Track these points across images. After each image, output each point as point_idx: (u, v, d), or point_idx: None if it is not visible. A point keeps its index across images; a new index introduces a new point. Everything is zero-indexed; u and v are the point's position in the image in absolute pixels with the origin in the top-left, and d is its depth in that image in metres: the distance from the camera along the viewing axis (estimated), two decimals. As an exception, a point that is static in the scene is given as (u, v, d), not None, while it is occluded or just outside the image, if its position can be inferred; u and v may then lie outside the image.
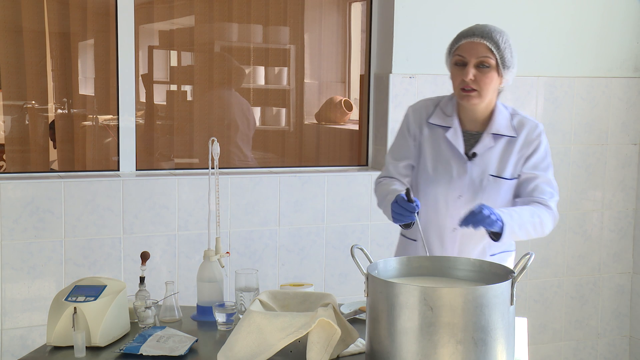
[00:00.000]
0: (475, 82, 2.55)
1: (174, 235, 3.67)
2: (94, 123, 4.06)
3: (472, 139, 2.66)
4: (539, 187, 2.63)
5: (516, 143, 2.64)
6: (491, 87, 2.57)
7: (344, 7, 4.51)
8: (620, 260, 4.59)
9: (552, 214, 2.63)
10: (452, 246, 2.67)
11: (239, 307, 2.54)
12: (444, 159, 2.65)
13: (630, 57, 4.45)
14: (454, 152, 2.64)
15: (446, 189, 2.64)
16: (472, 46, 2.55)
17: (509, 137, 2.64)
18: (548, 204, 2.62)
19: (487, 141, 2.63)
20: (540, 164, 2.65)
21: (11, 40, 3.87)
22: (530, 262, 2.00)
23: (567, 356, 4.53)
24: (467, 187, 2.62)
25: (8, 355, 3.45)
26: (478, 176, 2.62)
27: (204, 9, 4.23)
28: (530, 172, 2.64)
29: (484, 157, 2.63)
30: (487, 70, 2.55)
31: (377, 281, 2.00)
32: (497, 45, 2.54)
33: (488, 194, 2.61)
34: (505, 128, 2.64)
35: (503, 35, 2.57)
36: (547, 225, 2.61)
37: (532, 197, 2.63)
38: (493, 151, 2.63)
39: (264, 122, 4.51)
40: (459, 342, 1.91)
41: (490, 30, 2.57)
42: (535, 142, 2.65)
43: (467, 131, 2.67)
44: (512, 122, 2.65)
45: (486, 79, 2.55)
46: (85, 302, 2.29)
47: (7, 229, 3.43)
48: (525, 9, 4.20)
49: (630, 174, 4.54)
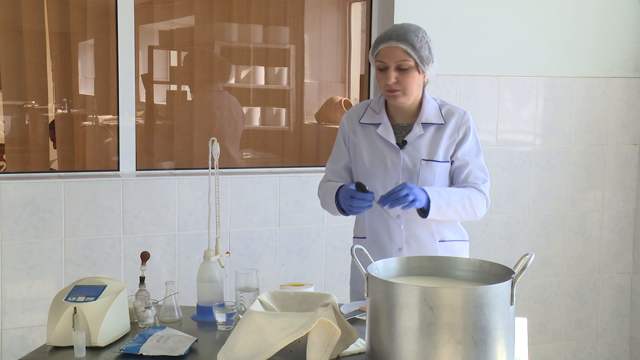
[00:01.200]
0: (397, 84, 2.69)
1: (174, 235, 3.67)
2: (94, 123, 4.06)
3: (403, 130, 2.80)
4: (472, 172, 2.77)
5: (445, 129, 2.76)
6: (414, 85, 2.70)
7: (344, 7, 4.51)
8: (620, 260, 4.59)
9: (484, 197, 2.77)
10: (399, 234, 2.78)
11: (239, 307, 2.54)
12: (378, 152, 2.79)
13: (630, 57, 4.45)
14: (387, 144, 2.78)
15: (383, 178, 2.77)
16: (389, 51, 2.67)
17: (438, 125, 2.77)
18: (480, 188, 2.76)
19: (417, 130, 2.76)
20: (471, 149, 2.78)
21: (11, 40, 3.87)
22: (530, 262, 2.00)
23: (567, 356, 4.53)
24: (402, 174, 2.76)
25: (8, 355, 3.45)
26: (411, 161, 2.75)
27: (204, 9, 4.23)
28: (462, 159, 2.77)
29: (414, 144, 2.76)
30: (407, 71, 2.68)
31: (377, 281, 2.00)
32: (413, 46, 2.66)
33: (423, 177, 2.74)
34: (434, 117, 2.77)
35: (418, 34, 2.69)
36: (479, 207, 2.74)
37: (467, 182, 2.77)
38: (423, 138, 2.77)
39: (264, 122, 4.51)
40: (459, 342, 1.91)
41: (405, 32, 2.68)
42: (464, 127, 2.77)
43: (398, 124, 2.81)
44: (441, 111, 2.79)
45: (407, 79, 2.68)
46: (85, 302, 2.29)
47: (7, 229, 3.43)
48: (525, 9, 4.20)
49: (630, 174, 4.54)
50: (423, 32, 2.71)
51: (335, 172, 2.90)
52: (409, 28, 2.70)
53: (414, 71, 2.68)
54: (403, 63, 2.66)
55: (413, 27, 2.70)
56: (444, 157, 2.77)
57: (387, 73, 2.68)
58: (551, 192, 4.37)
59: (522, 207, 4.31)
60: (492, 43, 4.15)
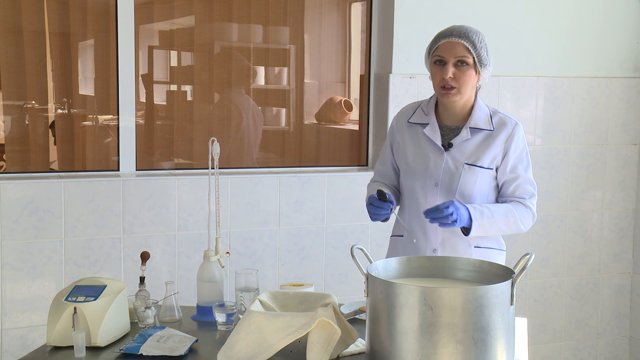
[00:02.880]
0: (454, 80, 2.67)
1: (174, 235, 3.67)
2: (94, 123, 4.06)
3: (450, 133, 2.78)
4: (520, 186, 2.75)
5: (494, 137, 2.74)
6: (469, 84, 2.69)
7: (344, 7, 4.51)
8: (620, 260, 4.59)
9: (530, 213, 2.77)
10: (435, 235, 2.76)
11: (239, 307, 2.54)
12: (422, 152, 2.78)
13: (630, 57, 4.45)
14: (432, 144, 2.77)
15: (423, 178, 2.76)
16: (450, 46, 2.68)
17: (487, 131, 2.74)
18: (527, 204, 2.75)
19: (465, 133, 2.74)
20: (520, 163, 2.76)
21: (11, 40, 3.87)
22: (530, 262, 2.00)
23: (567, 356, 4.53)
24: (444, 175, 2.74)
25: (8, 355, 3.45)
26: (454, 164, 2.73)
27: (204, 9, 4.23)
28: (512, 172, 2.75)
29: (460, 147, 2.74)
30: (465, 68, 2.67)
31: (377, 281, 2.00)
32: (474, 44, 2.67)
33: (464, 181, 2.71)
34: (484, 122, 2.75)
35: (479, 35, 2.71)
36: (524, 222, 2.75)
37: (516, 196, 2.75)
38: (470, 142, 2.75)
39: (264, 122, 4.51)
40: (459, 342, 1.91)
41: (467, 30, 2.70)
42: (514, 139, 2.75)
43: (446, 126, 2.79)
44: (492, 119, 2.76)
45: (465, 76, 2.67)
46: (85, 302, 2.29)
47: (7, 229, 3.43)
48: (525, 9, 4.20)
49: (630, 174, 4.54)
50: (483, 35, 2.73)
51: (382, 173, 2.94)
52: (471, 28, 2.71)
53: (471, 69, 2.67)
54: (462, 58, 2.66)
55: (474, 28, 2.72)
56: (489, 164, 2.73)
57: (446, 67, 2.66)
58: (551, 192, 4.37)
59: (522, 207, 4.31)
60: (492, 43, 4.10)
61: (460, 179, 2.71)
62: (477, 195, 2.72)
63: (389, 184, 2.92)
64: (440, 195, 2.72)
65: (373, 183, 2.95)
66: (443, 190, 2.72)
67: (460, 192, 2.71)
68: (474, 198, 2.71)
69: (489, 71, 2.74)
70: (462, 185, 2.71)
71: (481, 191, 2.73)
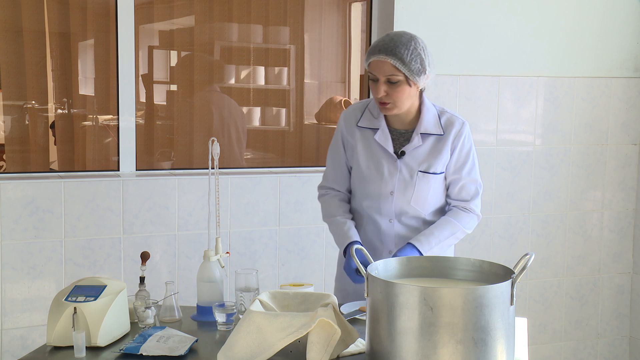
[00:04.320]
0: (388, 97, 2.66)
1: (174, 235, 3.67)
2: (94, 123, 4.06)
3: (401, 137, 2.78)
4: (465, 187, 2.80)
5: (444, 140, 2.76)
6: (404, 97, 2.67)
7: (344, 7, 4.51)
8: (620, 260, 4.59)
9: (474, 215, 2.82)
10: (390, 240, 2.81)
11: (239, 307, 2.54)
12: (375, 158, 2.78)
13: (630, 57, 4.45)
14: (384, 152, 2.77)
15: (379, 186, 2.77)
16: (379, 65, 2.63)
17: (437, 136, 2.76)
18: (469, 207, 2.80)
19: (416, 141, 2.75)
20: (466, 163, 2.79)
21: (11, 40, 3.87)
22: (530, 262, 2.00)
23: (567, 356, 4.53)
24: (398, 184, 2.76)
25: (8, 355, 3.45)
26: (408, 173, 2.76)
27: (204, 9, 4.23)
28: (456, 173, 2.79)
29: (412, 154, 2.76)
30: (396, 84, 2.64)
31: (377, 281, 2.00)
32: (402, 60, 2.61)
33: (418, 189, 2.76)
34: (433, 127, 2.76)
35: (410, 45, 2.62)
36: (469, 227, 2.81)
37: (460, 199, 2.81)
38: (422, 148, 2.76)
39: (264, 122, 4.51)
40: (459, 342, 1.91)
41: (396, 45, 2.62)
42: (461, 139, 2.77)
43: (396, 130, 2.79)
44: (441, 120, 2.77)
45: (397, 93, 2.65)
46: (85, 302, 2.29)
47: (7, 229, 3.43)
48: (525, 9, 4.19)
49: (630, 174, 4.54)
50: (416, 42, 2.64)
51: (337, 180, 2.89)
52: (400, 40, 2.62)
53: (404, 85, 2.63)
54: (392, 77, 2.62)
55: (404, 39, 2.63)
56: (441, 169, 2.77)
57: (378, 86, 2.64)
58: (551, 192, 4.37)
59: (522, 207, 4.31)
60: (492, 43, 4.15)
61: (415, 187, 2.75)
62: (430, 200, 2.78)
63: (345, 191, 2.89)
64: (395, 203, 2.76)
65: (331, 198, 2.88)
66: (398, 198, 2.77)
67: (415, 199, 2.76)
68: (427, 203, 2.78)
69: (431, 75, 2.68)
70: (416, 192, 2.76)
71: (435, 195, 2.79)
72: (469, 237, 4.21)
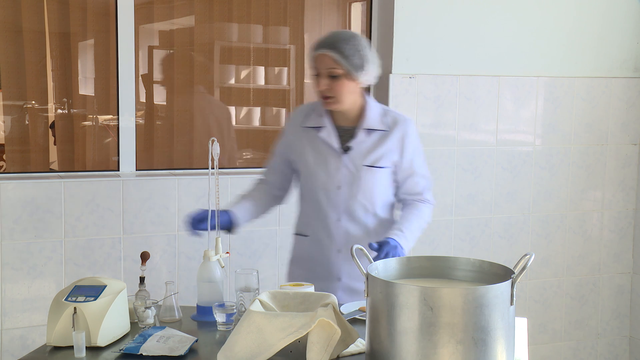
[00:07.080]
0: (329, 90, 2.74)
1: (174, 236, 3.67)
2: (94, 123, 4.06)
3: (346, 134, 2.85)
4: (419, 182, 2.89)
5: (389, 136, 2.82)
6: (345, 92, 2.75)
7: (344, 7, 4.51)
8: (620, 260, 4.59)
9: (430, 205, 2.93)
10: (338, 237, 2.85)
11: (239, 307, 2.54)
12: (322, 155, 2.85)
13: (630, 57, 4.45)
14: (330, 148, 2.84)
15: (325, 182, 2.84)
16: (320, 59, 2.74)
17: (382, 131, 2.83)
18: (425, 198, 2.91)
19: (361, 136, 2.82)
20: (416, 159, 2.88)
21: (11, 40, 3.87)
22: (530, 262, 2.00)
23: (567, 356, 4.53)
24: (344, 178, 2.82)
25: (8, 355, 3.45)
26: (354, 167, 2.81)
27: (204, 9, 4.23)
28: (408, 168, 2.86)
29: (358, 149, 2.82)
30: (337, 79, 2.73)
31: (377, 281, 2.00)
32: (343, 54, 2.71)
33: (364, 183, 2.81)
34: (377, 123, 2.83)
35: (350, 42, 2.74)
36: (429, 217, 2.92)
37: (414, 192, 2.89)
38: (366, 144, 2.82)
39: (264, 122, 4.51)
40: (459, 342, 1.91)
41: (338, 40, 2.74)
42: (408, 136, 2.84)
43: (341, 127, 2.86)
44: (385, 118, 2.84)
45: (337, 87, 2.73)
46: (85, 302, 2.29)
47: (7, 229, 3.43)
48: (525, 9, 4.19)
49: (630, 174, 4.54)
50: (358, 39, 2.74)
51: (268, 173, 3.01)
52: (342, 36, 2.75)
53: (344, 79, 2.73)
54: (332, 71, 2.71)
55: (347, 35, 2.76)
56: (386, 164, 2.83)
57: (319, 80, 2.74)
58: (551, 192, 4.37)
59: (522, 207, 4.31)
60: (492, 43, 4.15)
61: (361, 181, 2.80)
62: (377, 195, 2.83)
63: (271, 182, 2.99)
64: (343, 198, 2.81)
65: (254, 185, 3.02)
66: (345, 193, 2.82)
67: (363, 193, 2.81)
68: (375, 197, 2.83)
69: (373, 71, 2.79)
70: (363, 186, 2.81)
71: (381, 190, 2.85)
72: (469, 237, 4.21)
